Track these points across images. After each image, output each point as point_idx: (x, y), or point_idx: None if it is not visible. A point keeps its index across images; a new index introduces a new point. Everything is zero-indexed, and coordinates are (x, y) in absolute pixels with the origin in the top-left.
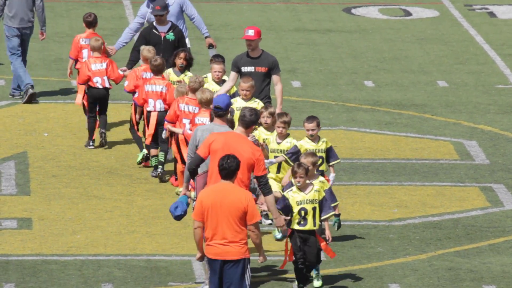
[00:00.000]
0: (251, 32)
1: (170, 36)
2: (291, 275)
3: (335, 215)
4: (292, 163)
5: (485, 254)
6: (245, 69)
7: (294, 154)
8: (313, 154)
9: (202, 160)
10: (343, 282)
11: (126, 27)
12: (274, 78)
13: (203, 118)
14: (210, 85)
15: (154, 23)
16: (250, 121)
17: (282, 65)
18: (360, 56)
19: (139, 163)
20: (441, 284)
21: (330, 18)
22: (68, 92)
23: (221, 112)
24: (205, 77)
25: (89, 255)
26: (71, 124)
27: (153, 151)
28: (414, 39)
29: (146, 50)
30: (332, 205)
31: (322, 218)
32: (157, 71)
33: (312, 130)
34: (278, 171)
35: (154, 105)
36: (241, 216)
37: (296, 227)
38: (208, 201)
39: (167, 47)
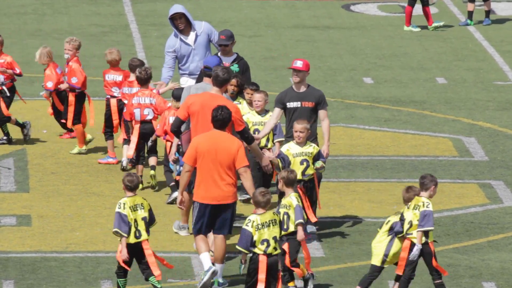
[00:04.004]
0: (299, 64)
1: (235, 67)
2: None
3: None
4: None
5: (484, 250)
6: (290, 104)
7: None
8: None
9: (182, 122)
10: (342, 279)
11: (125, 24)
12: (321, 113)
13: (113, 75)
14: (246, 111)
15: (219, 54)
16: (224, 79)
17: (281, 62)
18: (359, 52)
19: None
20: None
21: (329, 15)
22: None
23: (210, 72)
24: (238, 103)
25: (88, 252)
26: None
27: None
28: (413, 35)
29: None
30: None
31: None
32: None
33: (301, 132)
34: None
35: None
36: (232, 162)
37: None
38: (204, 147)
39: None
